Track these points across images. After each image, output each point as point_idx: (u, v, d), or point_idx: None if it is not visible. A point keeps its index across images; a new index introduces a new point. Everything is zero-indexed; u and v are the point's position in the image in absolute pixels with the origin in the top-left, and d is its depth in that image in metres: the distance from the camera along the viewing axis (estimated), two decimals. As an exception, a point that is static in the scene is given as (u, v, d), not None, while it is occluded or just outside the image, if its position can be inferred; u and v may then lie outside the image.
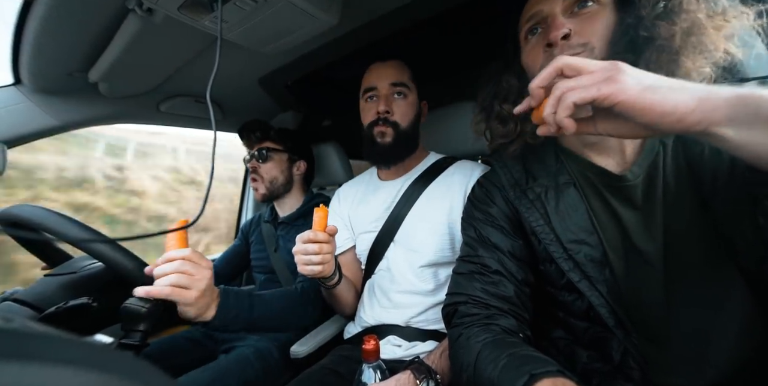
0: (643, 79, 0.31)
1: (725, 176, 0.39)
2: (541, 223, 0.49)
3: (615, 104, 0.31)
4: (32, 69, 0.70)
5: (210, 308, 0.58)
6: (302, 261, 0.62)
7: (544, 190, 0.50)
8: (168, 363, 0.82)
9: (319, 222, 0.63)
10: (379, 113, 0.75)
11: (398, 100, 0.77)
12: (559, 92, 0.33)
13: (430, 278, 0.72)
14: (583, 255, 0.46)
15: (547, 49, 0.45)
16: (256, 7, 0.56)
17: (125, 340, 0.48)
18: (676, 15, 0.38)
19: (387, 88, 0.77)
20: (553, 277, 0.50)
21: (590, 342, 0.48)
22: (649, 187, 0.44)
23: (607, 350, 0.45)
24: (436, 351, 0.59)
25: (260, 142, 1.00)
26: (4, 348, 0.12)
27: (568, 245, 0.46)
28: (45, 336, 0.14)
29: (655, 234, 0.44)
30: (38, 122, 0.77)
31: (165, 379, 0.17)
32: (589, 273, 0.45)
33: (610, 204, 0.46)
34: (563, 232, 0.47)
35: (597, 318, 0.45)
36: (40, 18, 0.56)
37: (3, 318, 0.15)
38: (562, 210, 0.48)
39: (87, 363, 0.13)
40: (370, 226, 0.80)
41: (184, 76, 0.84)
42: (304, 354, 0.77)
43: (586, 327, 0.48)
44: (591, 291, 0.45)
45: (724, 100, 0.29)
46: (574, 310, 0.48)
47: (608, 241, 0.46)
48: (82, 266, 0.71)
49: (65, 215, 0.63)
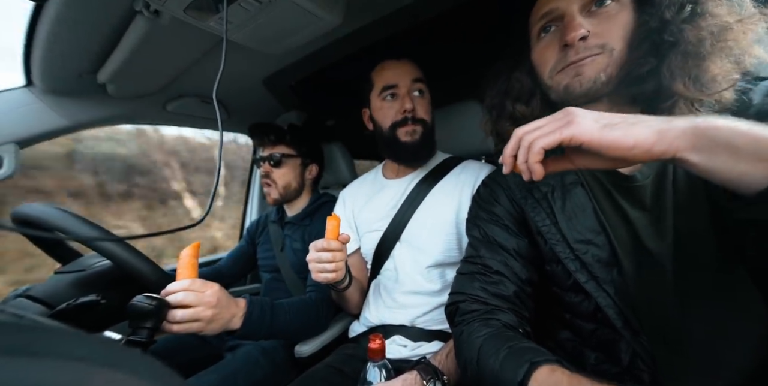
0: (599, 118, 0.33)
1: None
2: (547, 223, 0.48)
3: (581, 144, 0.33)
4: (43, 71, 0.72)
5: (234, 319, 0.60)
6: (316, 269, 0.62)
7: (550, 190, 0.49)
8: (174, 360, 0.83)
9: (332, 230, 0.63)
10: (406, 112, 0.74)
11: (420, 96, 0.77)
12: (526, 142, 0.36)
13: (438, 278, 0.71)
14: (590, 256, 0.45)
15: (564, 49, 0.44)
16: (260, 8, 0.56)
17: (132, 337, 0.48)
18: (703, 19, 0.37)
19: (408, 86, 0.75)
20: (560, 278, 0.49)
21: (598, 344, 0.47)
22: (658, 187, 0.43)
23: (615, 352, 0.45)
24: (442, 352, 0.58)
25: (274, 145, 0.98)
26: (18, 344, 0.12)
27: (574, 245, 0.46)
28: (56, 332, 0.14)
29: (665, 235, 0.43)
30: (49, 123, 0.79)
31: (173, 376, 0.17)
32: (597, 274, 0.44)
33: (620, 205, 0.45)
34: (570, 232, 0.46)
35: (604, 319, 0.44)
36: (51, 21, 0.57)
37: (15, 315, 0.15)
38: (569, 209, 0.47)
39: (97, 359, 0.14)
40: (376, 225, 0.80)
41: (191, 76, 0.85)
42: (308, 352, 0.77)
43: (593, 329, 0.47)
44: (598, 292, 0.44)
45: (681, 130, 0.30)
46: (581, 311, 0.48)
47: (617, 241, 0.45)
48: (91, 263, 0.72)
49: (76, 214, 0.64)
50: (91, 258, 0.74)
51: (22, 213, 0.65)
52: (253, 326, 0.63)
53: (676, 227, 0.42)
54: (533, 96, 0.52)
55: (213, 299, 0.55)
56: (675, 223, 0.42)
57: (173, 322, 0.52)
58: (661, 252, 0.43)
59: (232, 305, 0.60)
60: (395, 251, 0.77)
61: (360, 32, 0.76)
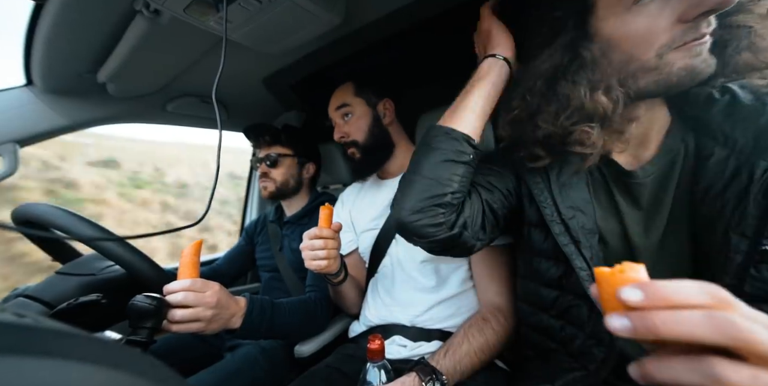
0: None
1: (719, 189, 0.38)
2: (540, 187, 0.48)
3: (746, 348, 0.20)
4: (43, 70, 0.72)
5: (234, 318, 0.61)
6: (309, 257, 0.64)
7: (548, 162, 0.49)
8: (174, 360, 0.83)
9: (324, 219, 0.64)
10: (339, 140, 0.83)
11: (346, 121, 0.82)
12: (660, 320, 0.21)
13: (432, 273, 0.72)
14: (575, 222, 0.45)
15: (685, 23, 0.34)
16: (260, 8, 0.56)
17: (133, 337, 0.49)
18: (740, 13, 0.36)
19: (335, 115, 0.83)
20: (533, 242, 0.50)
21: (561, 313, 0.49)
22: (659, 187, 0.43)
23: (579, 317, 0.46)
24: (440, 351, 0.58)
25: (269, 146, 0.99)
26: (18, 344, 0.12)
27: (563, 210, 0.46)
28: (57, 332, 0.14)
29: (654, 232, 0.43)
30: (49, 122, 0.79)
31: (172, 376, 0.17)
32: (578, 238, 0.45)
33: (614, 200, 0.46)
34: (561, 199, 0.47)
35: (570, 285, 0.46)
36: (51, 21, 0.57)
37: (16, 314, 0.15)
38: (564, 179, 0.48)
39: (97, 359, 0.14)
40: (372, 224, 0.81)
41: (190, 76, 0.85)
42: (308, 352, 0.78)
43: (555, 297, 0.49)
44: (575, 255, 0.44)
45: None
46: (546, 278, 0.49)
47: (605, 231, 0.46)
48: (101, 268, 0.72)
49: (76, 214, 0.64)
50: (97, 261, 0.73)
51: (23, 213, 0.65)
52: (252, 325, 0.63)
53: (667, 225, 0.42)
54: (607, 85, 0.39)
55: (213, 299, 0.55)
56: (668, 221, 0.42)
57: (173, 322, 0.52)
58: (644, 247, 0.43)
59: (232, 304, 0.60)
60: (391, 249, 0.78)
61: (360, 32, 0.76)
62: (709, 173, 0.39)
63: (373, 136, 0.81)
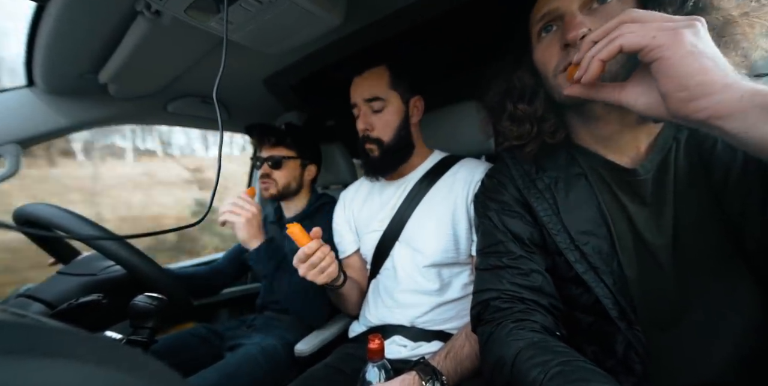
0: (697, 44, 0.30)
1: (738, 172, 0.39)
2: (549, 213, 0.48)
3: (656, 59, 0.30)
4: (45, 71, 0.72)
5: (253, 240, 0.78)
6: (317, 272, 0.63)
7: (554, 181, 0.49)
8: (175, 360, 0.83)
9: (300, 237, 0.62)
10: (361, 131, 0.78)
11: (376, 115, 0.76)
12: (616, 33, 0.33)
13: (435, 277, 0.72)
14: (590, 247, 0.45)
15: (565, 49, 0.43)
16: (261, 8, 0.56)
17: (134, 337, 0.49)
18: (706, 13, 0.37)
19: (363, 105, 0.77)
20: (562, 269, 0.49)
21: (594, 337, 0.48)
22: (659, 182, 0.44)
23: (610, 344, 0.45)
24: (441, 352, 0.58)
25: (273, 147, 0.98)
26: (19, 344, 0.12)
27: (575, 236, 0.46)
28: (58, 332, 0.14)
29: (665, 229, 0.43)
30: (50, 123, 0.79)
31: (173, 376, 0.17)
32: (596, 265, 0.44)
33: (619, 199, 0.46)
34: (571, 223, 0.46)
35: (602, 311, 0.45)
36: (52, 22, 0.57)
37: (17, 314, 0.16)
38: (572, 201, 0.47)
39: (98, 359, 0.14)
40: (376, 225, 0.80)
41: (191, 76, 0.85)
42: (308, 352, 0.78)
43: (591, 322, 0.48)
44: (596, 283, 0.44)
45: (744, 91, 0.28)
46: (581, 304, 0.48)
47: (617, 234, 0.45)
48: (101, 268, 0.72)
49: (77, 214, 0.65)
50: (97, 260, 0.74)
51: (24, 213, 0.65)
52: (261, 255, 0.77)
53: (676, 221, 0.42)
54: (536, 95, 0.51)
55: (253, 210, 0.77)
56: (675, 216, 0.42)
57: None
58: (660, 246, 0.43)
59: (259, 231, 0.79)
60: (394, 251, 0.77)
61: (360, 32, 0.76)
62: (720, 161, 0.40)
63: (399, 136, 0.77)
